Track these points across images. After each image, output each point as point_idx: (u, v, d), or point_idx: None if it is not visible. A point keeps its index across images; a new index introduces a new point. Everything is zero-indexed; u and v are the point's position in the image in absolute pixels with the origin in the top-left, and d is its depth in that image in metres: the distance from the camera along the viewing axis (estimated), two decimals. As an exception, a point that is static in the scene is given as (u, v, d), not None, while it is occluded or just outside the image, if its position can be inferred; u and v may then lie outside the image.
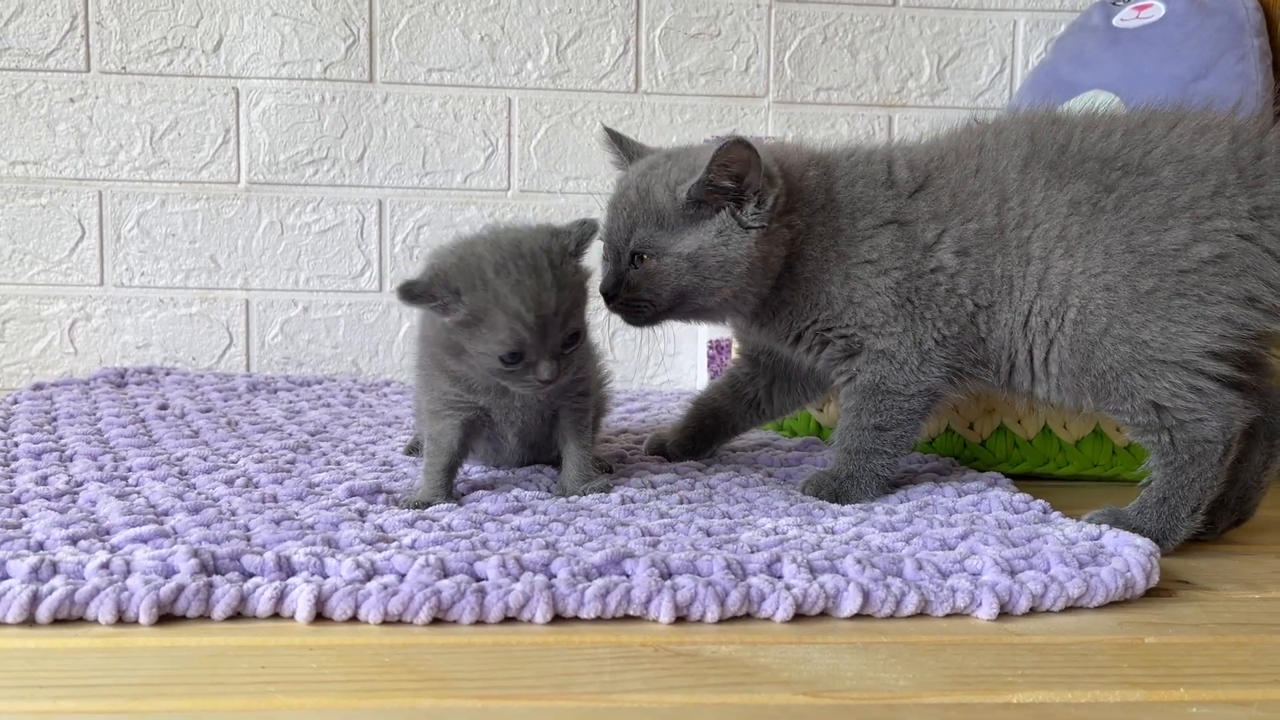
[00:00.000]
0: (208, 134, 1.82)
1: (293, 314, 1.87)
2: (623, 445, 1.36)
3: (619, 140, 1.19)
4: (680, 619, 0.81)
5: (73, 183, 1.81)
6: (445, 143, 1.86)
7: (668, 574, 0.85)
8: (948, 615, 0.84)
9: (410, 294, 0.98)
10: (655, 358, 1.94)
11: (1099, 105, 1.28)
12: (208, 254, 1.84)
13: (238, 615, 0.80)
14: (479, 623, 0.80)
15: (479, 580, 0.83)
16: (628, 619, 0.82)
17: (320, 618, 0.79)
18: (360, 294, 1.87)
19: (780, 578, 0.85)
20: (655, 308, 1.10)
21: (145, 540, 0.89)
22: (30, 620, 0.77)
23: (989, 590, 0.84)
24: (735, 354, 1.31)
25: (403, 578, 0.82)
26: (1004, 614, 0.84)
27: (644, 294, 1.09)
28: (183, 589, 0.79)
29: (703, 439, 1.28)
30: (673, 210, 1.07)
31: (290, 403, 1.61)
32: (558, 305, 1.00)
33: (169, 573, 0.82)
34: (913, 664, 0.75)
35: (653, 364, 1.94)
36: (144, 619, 0.77)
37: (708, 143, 1.14)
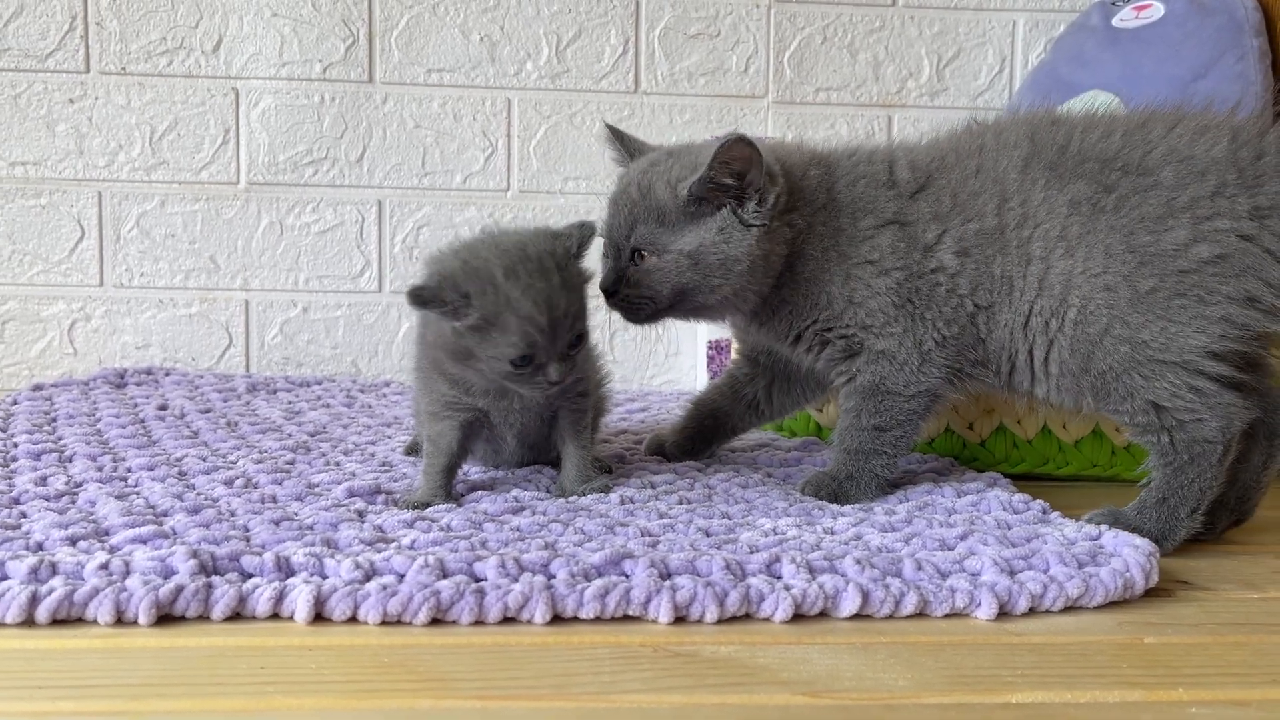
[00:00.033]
0: (207, 134, 1.82)
1: (292, 314, 1.87)
2: (622, 446, 1.36)
3: (620, 137, 1.19)
4: (679, 619, 0.81)
5: (72, 183, 1.81)
6: (445, 143, 1.86)
7: (667, 574, 0.85)
8: (947, 615, 0.84)
9: (420, 299, 0.97)
10: (655, 358, 1.94)
11: (1098, 105, 1.28)
12: (207, 254, 1.84)
13: (237, 616, 0.80)
14: (478, 623, 0.80)
15: (478, 581, 0.83)
16: (627, 619, 0.82)
17: (319, 618, 0.79)
18: (360, 294, 1.87)
19: (779, 578, 0.85)
20: (655, 305, 1.10)
21: (144, 541, 0.89)
22: (29, 621, 0.77)
23: (988, 590, 0.84)
24: (735, 354, 1.31)
25: (402, 578, 0.82)
26: (1003, 614, 0.84)
27: (644, 291, 1.09)
28: (182, 589, 0.79)
29: (702, 439, 1.28)
30: (674, 207, 1.07)
31: (290, 403, 1.61)
32: (566, 307, 1.00)
33: (168, 573, 0.82)
34: (912, 664, 0.75)
35: (652, 364, 1.94)
36: (143, 619, 0.77)
37: (710, 141, 1.14)
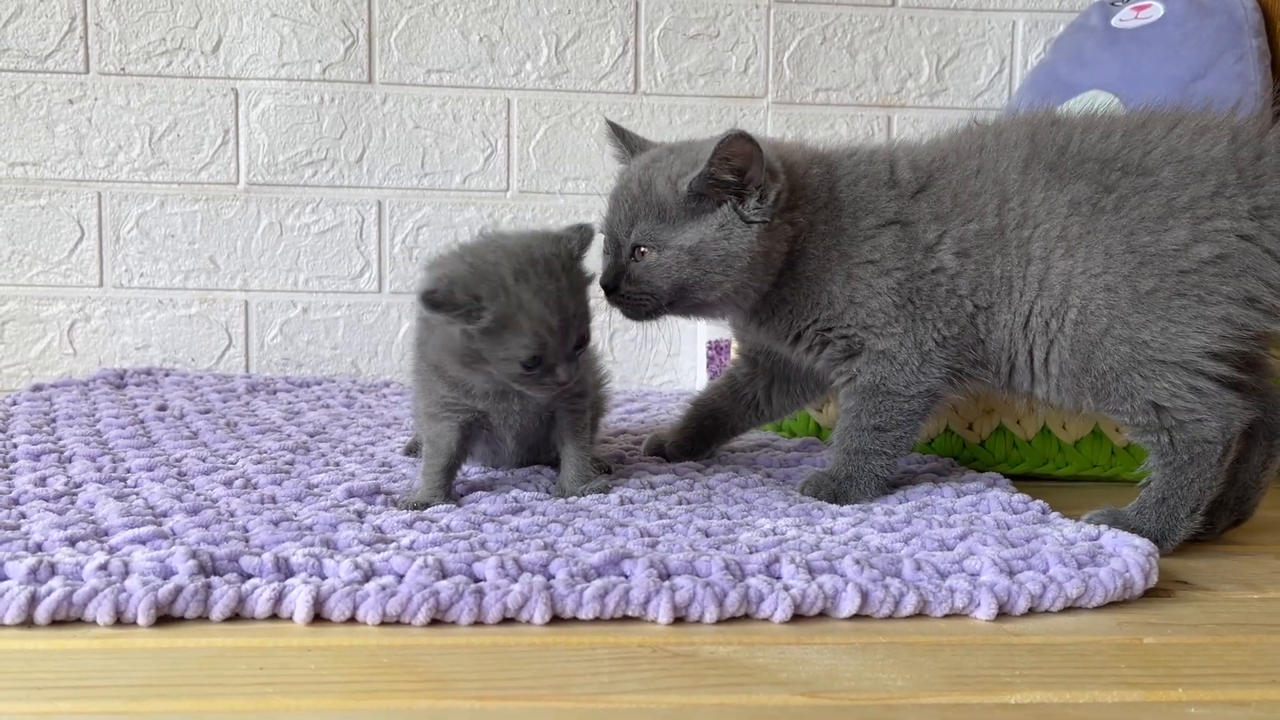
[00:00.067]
0: (207, 135, 1.82)
1: (292, 315, 1.87)
2: (621, 446, 1.36)
3: (622, 134, 1.19)
4: (678, 620, 0.81)
5: (72, 184, 1.81)
6: (444, 143, 1.86)
7: (666, 575, 0.85)
8: (946, 616, 0.84)
9: (433, 302, 0.97)
10: (654, 358, 1.94)
11: (1098, 106, 1.28)
12: (207, 255, 1.84)
13: (236, 616, 0.80)
14: (477, 623, 0.80)
15: (477, 581, 0.83)
16: (626, 620, 0.82)
17: (318, 619, 0.79)
18: (359, 295, 1.87)
19: (779, 578, 0.85)
20: (656, 301, 1.10)
21: (144, 541, 0.89)
22: (28, 621, 0.76)
23: (987, 591, 0.84)
24: (734, 355, 1.31)
25: (401, 579, 0.82)
26: (1002, 614, 0.84)
27: (644, 287, 1.09)
28: (181, 590, 0.79)
29: (701, 440, 1.28)
30: (674, 203, 1.07)
31: (289, 404, 1.61)
32: (574, 309, 1.01)
33: (167, 574, 0.82)
34: (911, 664, 0.75)
35: (652, 365, 1.94)
36: (142, 620, 0.77)
37: (713, 137, 1.14)
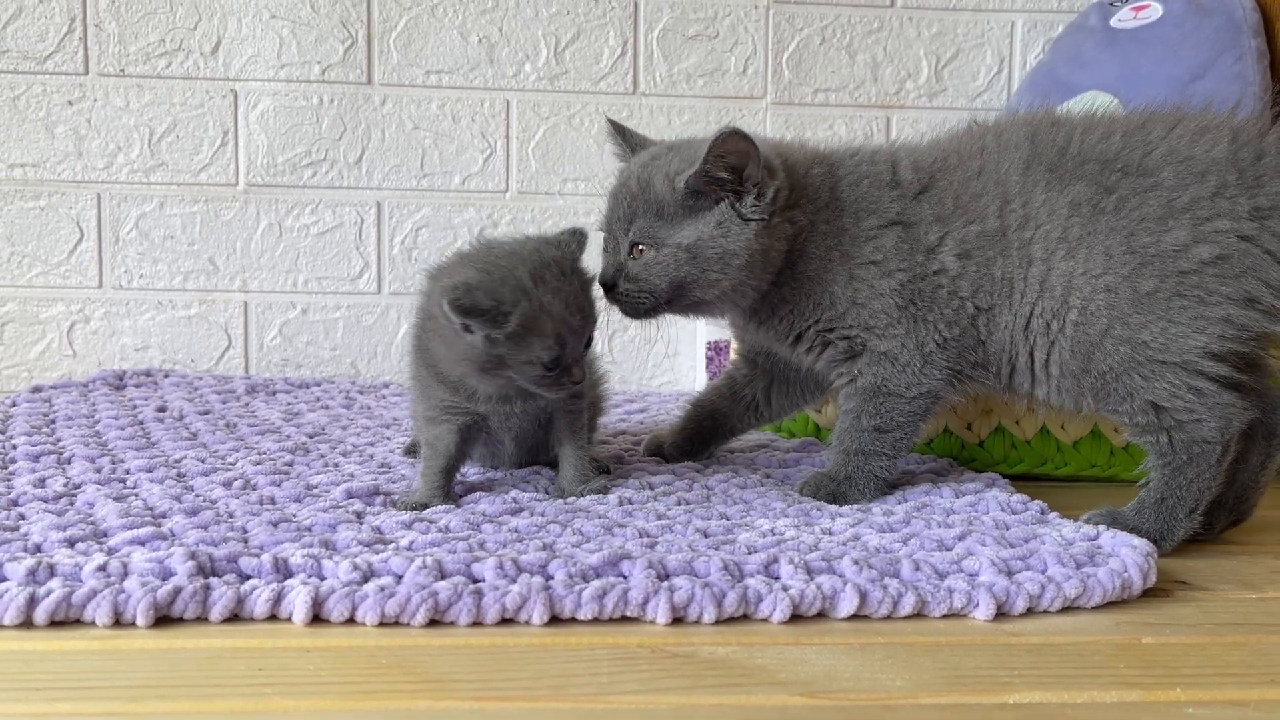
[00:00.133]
0: (206, 136, 1.82)
1: (291, 316, 1.87)
2: (621, 446, 1.36)
3: (622, 132, 1.19)
4: (677, 620, 0.81)
5: (71, 185, 1.81)
6: (443, 144, 1.86)
7: (665, 575, 0.85)
8: (945, 616, 0.84)
9: (463, 309, 0.95)
10: (653, 359, 1.94)
11: (1097, 106, 1.28)
12: (206, 256, 1.84)
13: (235, 617, 0.80)
14: (476, 624, 0.80)
15: (476, 582, 0.83)
16: (625, 620, 0.82)
17: (317, 619, 0.79)
18: (359, 296, 1.87)
19: (777, 579, 0.85)
20: (654, 299, 1.09)
21: (143, 542, 0.89)
22: (27, 622, 0.76)
23: (986, 591, 0.84)
24: (734, 356, 1.31)
25: (400, 579, 0.82)
26: (1001, 615, 0.84)
27: (643, 285, 1.09)
28: (180, 591, 0.79)
29: (701, 440, 1.28)
30: (672, 201, 1.07)
31: (289, 405, 1.61)
32: (587, 309, 1.03)
33: (166, 575, 0.82)
34: (909, 665, 0.75)
35: (651, 365, 1.94)
36: (141, 621, 0.77)
37: (710, 135, 1.14)
